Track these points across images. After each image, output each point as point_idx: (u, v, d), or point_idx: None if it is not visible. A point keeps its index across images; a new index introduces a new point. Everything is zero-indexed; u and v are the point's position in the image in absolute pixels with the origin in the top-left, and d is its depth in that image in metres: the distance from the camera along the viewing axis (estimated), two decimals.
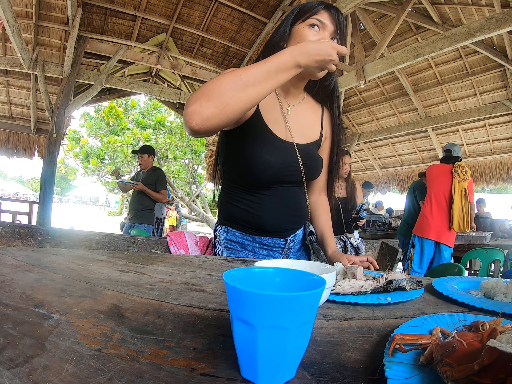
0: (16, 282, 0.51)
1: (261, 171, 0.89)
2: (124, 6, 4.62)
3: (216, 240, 1.06)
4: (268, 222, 0.96)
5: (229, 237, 1.01)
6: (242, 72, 0.69)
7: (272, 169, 0.89)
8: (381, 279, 0.60)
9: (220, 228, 1.04)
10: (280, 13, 5.00)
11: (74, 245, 1.16)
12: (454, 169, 2.96)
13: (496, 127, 5.65)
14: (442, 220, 2.99)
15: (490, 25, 2.96)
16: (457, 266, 1.50)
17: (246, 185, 0.95)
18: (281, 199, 0.96)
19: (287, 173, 0.93)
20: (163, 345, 0.35)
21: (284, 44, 0.91)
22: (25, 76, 4.98)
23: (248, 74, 0.69)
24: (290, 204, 0.98)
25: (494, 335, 0.29)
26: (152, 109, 10.82)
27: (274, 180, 0.92)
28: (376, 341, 0.40)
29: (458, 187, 2.89)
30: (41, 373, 0.27)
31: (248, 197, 0.95)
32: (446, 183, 2.97)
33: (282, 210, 0.96)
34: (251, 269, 0.40)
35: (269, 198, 0.94)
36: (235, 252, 1.01)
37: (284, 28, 0.92)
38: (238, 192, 0.97)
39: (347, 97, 7.18)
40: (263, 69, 0.69)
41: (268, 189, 0.94)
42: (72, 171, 22.75)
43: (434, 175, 3.13)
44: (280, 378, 0.30)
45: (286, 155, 0.92)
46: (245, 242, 1.00)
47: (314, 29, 0.88)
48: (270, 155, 0.89)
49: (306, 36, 0.87)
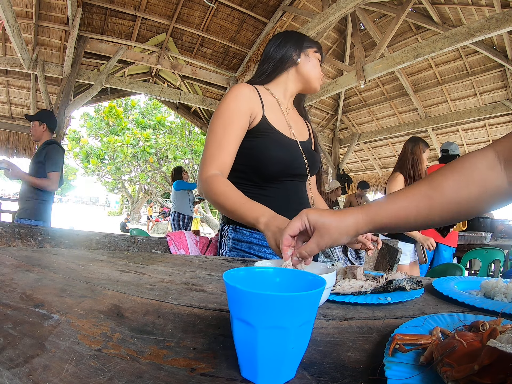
0: (16, 282, 0.51)
1: (273, 164, 0.99)
2: (124, 6, 4.62)
3: (222, 240, 1.06)
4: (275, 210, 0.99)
5: (237, 236, 1.02)
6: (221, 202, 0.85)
7: (282, 163, 1.00)
8: (381, 279, 0.60)
9: (227, 228, 1.05)
10: (280, 13, 4.99)
11: (74, 245, 1.16)
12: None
13: (496, 127, 5.65)
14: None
15: (490, 25, 2.96)
16: (457, 266, 1.50)
17: (257, 179, 1.02)
18: (288, 192, 1.04)
19: (294, 167, 1.03)
20: (163, 345, 0.35)
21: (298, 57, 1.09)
22: (25, 76, 4.98)
23: (222, 205, 0.85)
24: (296, 197, 1.06)
25: (494, 335, 0.29)
26: (152, 109, 10.83)
27: (284, 173, 1.02)
28: (376, 341, 0.39)
29: None
30: (41, 373, 0.27)
31: (257, 191, 1.02)
32: None
33: (289, 203, 1.03)
34: (251, 269, 0.40)
35: (277, 190, 1.02)
36: (240, 254, 1.01)
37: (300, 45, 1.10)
38: (247, 187, 1.02)
39: (347, 97, 7.18)
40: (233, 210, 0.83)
41: (276, 183, 1.02)
42: (72, 171, 22.77)
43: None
44: (280, 378, 0.30)
45: (292, 150, 1.03)
46: (253, 241, 1.01)
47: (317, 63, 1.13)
48: (279, 151, 0.99)
49: (318, 64, 1.12)
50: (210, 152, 0.93)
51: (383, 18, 5.32)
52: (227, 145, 0.94)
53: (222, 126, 0.95)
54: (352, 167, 8.51)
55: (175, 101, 5.76)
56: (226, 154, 0.94)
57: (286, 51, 1.08)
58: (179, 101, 5.66)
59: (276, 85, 1.11)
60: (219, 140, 0.94)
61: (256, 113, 1.00)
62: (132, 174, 11.13)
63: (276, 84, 1.11)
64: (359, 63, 4.26)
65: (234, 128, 0.95)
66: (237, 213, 0.81)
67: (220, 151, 0.93)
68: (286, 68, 1.09)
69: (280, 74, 1.10)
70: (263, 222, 0.74)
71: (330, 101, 7.21)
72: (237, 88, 1.00)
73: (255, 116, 1.00)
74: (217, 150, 0.93)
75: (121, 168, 10.19)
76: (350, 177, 7.26)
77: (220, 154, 0.93)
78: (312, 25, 3.84)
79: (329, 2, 3.93)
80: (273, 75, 1.10)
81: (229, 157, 0.95)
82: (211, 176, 0.89)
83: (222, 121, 0.95)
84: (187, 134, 10.14)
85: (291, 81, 1.11)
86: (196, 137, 10.12)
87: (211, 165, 0.91)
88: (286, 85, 1.11)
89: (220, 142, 0.93)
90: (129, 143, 9.21)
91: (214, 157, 0.92)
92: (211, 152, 0.93)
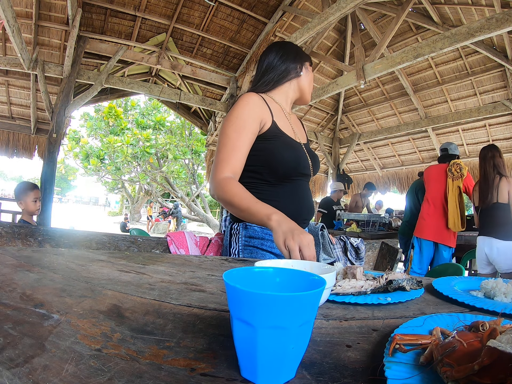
0: (16, 282, 0.51)
1: (284, 164, 1.05)
2: (124, 6, 4.62)
3: (232, 239, 1.07)
4: (292, 208, 1.06)
5: (249, 233, 1.05)
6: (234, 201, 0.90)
7: (292, 163, 1.07)
8: (381, 279, 0.60)
9: (236, 226, 1.07)
10: (280, 13, 4.99)
11: (74, 245, 1.16)
12: (448, 167, 2.97)
13: (496, 127, 5.65)
14: (439, 220, 2.98)
15: (490, 25, 2.95)
16: (457, 266, 1.50)
17: (271, 178, 1.07)
18: (297, 189, 1.10)
19: (302, 166, 1.10)
20: (163, 345, 0.35)
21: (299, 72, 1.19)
22: (25, 76, 4.98)
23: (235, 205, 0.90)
24: (303, 194, 1.12)
25: (494, 335, 0.29)
26: (152, 109, 10.83)
27: (294, 172, 1.09)
28: (376, 341, 0.39)
29: (452, 185, 2.88)
30: (41, 373, 0.27)
31: (271, 188, 1.08)
32: (441, 183, 2.98)
33: (301, 199, 1.10)
34: (251, 269, 0.40)
35: (286, 188, 1.08)
36: (253, 251, 1.03)
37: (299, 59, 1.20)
38: (261, 186, 1.08)
39: (347, 97, 7.18)
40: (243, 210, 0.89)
41: (287, 181, 1.09)
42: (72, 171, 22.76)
43: (430, 176, 3.14)
44: (280, 378, 0.30)
45: (299, 152, 1.11)
46: (264, 237, 1.04)
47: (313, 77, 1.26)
48: (290, 152, 1.07)
49: (312, 79, 1.25)
50: (223, 156, 0.98)
51: (383, 18, 5.32)
52: (239, 148, 0.99)
53: (235, 131, 1.00)
54: (352, 167, 8.51)
55: (175, 101, 5.76)
56: (239, 158, 1.00)
57: (290, 63, 1.17)
58: (179, 101, 5.66)
59: (279, 93, 1.19)
60: (232, 144, 0.99)
61: (266, 119, 1.07)
62: (132, 174, 11.13)
63: (279, 92, 1.19)
64: (359, 63, 4.25)
65: (246, 133, 1.00)
66: (250, 211, 0.86)
67: (233, 155, 0.98)
68: (290, 79, 1.19)
69: (283, 84, 1.19)
70: (275, 219, 0.80)
71: (330, 101, 7.21)
72: (247, 96, 1.07)
73: (265, 122, 1.07)
74: (230, 154, 0.98)
75: (121, 168, 10.19)
76: (350, 177, 7.26)
77: (233, 157, 0.99)
78: (312, 25, 3.84)
79: (329, 2, 3.93)
80: (277, 84, 1.18)
81: (241, 160, 1.01)
82: (224, 178, 0.95)
83: (235, 126, 1.01)
84: (187, 134, 10.14)
85: (292, 90, 1.21)
86: (196, 137, 10.12)
87: (224, 168, 0.97)
88: (287, 93, 1.20)
89: (233, 146, 0.99)
90: (129, 143, 9.20)
91: (227, 160, 0.98)
92: (224, 156, 0.98)
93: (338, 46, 6.22)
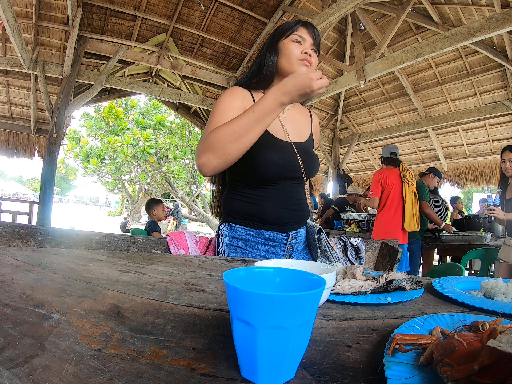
0: (16, 282, 0.51)
1: (265, 167, 0.98)
2: (124, 6, 4.62)
3: (219, 239, 1.08)
4: (270, 212, 1.01)
5: (232, 234, 1.04)
6: (235, 125, 0.82)
7: (274, 165, 0.99)
8: (381, 279, 0.60)
9: (223, 226, 1.07)
10: (280, 13, 4.99)
11: (74, 245, 1.16)
12: (402, 173, 3.20)
13: (496, 127, 5.65)
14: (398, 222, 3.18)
15: (490, 25, 2.95)
16: (457, 266, 1.50)
17: (251, 182, 1.02)
18: (283, 193, 1.03)
19: (288, 169, 1.02)
20: (163, 345, 0.35)
21: (275, 58, 1.05)
22: (25, 76, 4.98)
23: (240, 126, 0.82)
24: (291, 198, 1.05)
25: (494, 335, 0.29)
26: (152, 109, 10.81)
27: (277, 175, 1.01)
28: (376, 341, 0.39)
29: (408, 190, 3.16)
30: (41, 373, 0.27)
31: (252, 192, 1.03)
32: (398, 187, 3.20)
33: (284, 203, 1.03)
34: (251, 269, 0.40)
35: (271, 192, 1.02)
36: (238, 250, 1.03)
37: (272, 44, 1.06)
38: (242, 188, 1.04)
39: (347, 97, 7.18)
40: (252, 118, 0.81)
41: (271, 185, 1.02)
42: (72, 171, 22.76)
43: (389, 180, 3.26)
44: (280, 378, 0.30)
45: (285, 153, 1.02)
46: (248, 238, 1.03)
47: (297, 43, 1.03)
48: (272, 153, 0.99)
49: (292, 49, 1.02)
50: (208, 129, 0.92)
51: (383, 18, 5.32)
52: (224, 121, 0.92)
53: (219, 112, 0.97)
54: (352, 167, 8.51)
55: (175, 101, 5.77)
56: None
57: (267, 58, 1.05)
58: (179, 101, 5.66)
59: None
60: (216, 120, 0.94)
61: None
62: (132, 174, 11.12)
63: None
64: (359, 63, 4.25)
65: (232, 113, 0.94)
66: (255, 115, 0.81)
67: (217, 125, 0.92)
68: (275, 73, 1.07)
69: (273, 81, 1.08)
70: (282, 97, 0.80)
71: (330, 101, 7.21)
72: (231, 88, 1.06)
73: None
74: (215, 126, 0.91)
75: (121, 168, 10.18)
76: (350, 177, 7.26)
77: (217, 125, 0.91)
78: None
79: (329, 2, 3.93)
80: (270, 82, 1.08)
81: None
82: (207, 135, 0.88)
83: (219, 109, 0.98)
84: (187, 134, 10.14)
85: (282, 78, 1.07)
86: (196, 137, 10.11)
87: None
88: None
89: (218, 121, 0.92)
90: (129, 143, 9.19)
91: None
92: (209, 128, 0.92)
93: (338, 46, 6.22)
